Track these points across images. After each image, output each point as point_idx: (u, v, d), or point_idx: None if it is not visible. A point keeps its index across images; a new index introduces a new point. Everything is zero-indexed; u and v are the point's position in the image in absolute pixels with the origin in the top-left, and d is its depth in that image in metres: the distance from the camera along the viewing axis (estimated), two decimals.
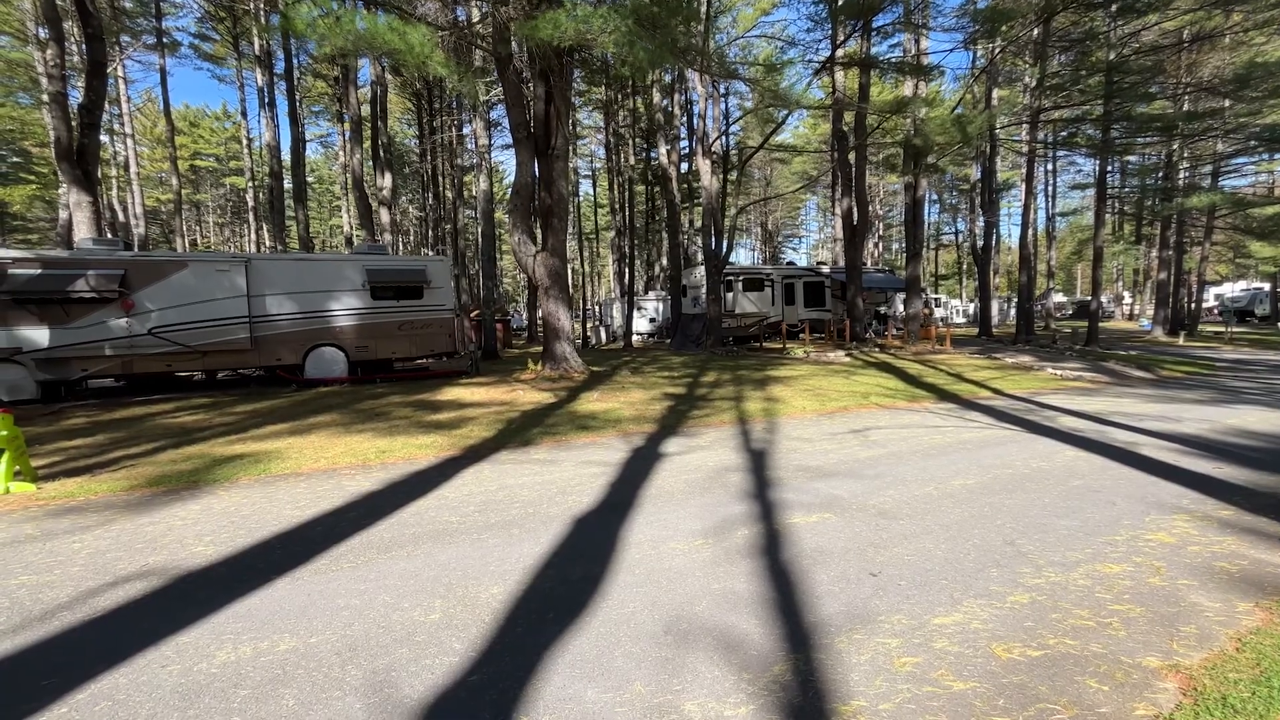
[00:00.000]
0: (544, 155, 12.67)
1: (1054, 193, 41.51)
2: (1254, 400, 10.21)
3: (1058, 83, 20.34)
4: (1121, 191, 32.76)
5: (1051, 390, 11.64)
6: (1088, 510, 4.46)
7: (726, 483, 5.29)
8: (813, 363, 15.90)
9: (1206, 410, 9.15)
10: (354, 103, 19.10)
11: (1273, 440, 6.97)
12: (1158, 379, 13.51)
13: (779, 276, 23.28)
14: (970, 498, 4.80)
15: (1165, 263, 26.85)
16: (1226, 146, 25.89)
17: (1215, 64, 21.94)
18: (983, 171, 25.47)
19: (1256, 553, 3.66)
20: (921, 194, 21.49)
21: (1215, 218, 27.29)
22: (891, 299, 26.41)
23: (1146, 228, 34.21)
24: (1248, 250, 30.47)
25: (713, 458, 6.28)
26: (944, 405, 9.90)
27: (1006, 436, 7.27)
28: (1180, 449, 6.49)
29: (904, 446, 6.73)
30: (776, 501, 4.74)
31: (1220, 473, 5.50)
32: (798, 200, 60.23)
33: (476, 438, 7.28)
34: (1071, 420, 8.31)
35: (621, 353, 20.97)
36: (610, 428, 7.95)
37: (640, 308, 32.20)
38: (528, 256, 12.69)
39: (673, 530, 4.11)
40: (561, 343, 12.93)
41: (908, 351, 18.53)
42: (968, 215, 38.51)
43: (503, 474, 5.68)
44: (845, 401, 10.12)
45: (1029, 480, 5.28)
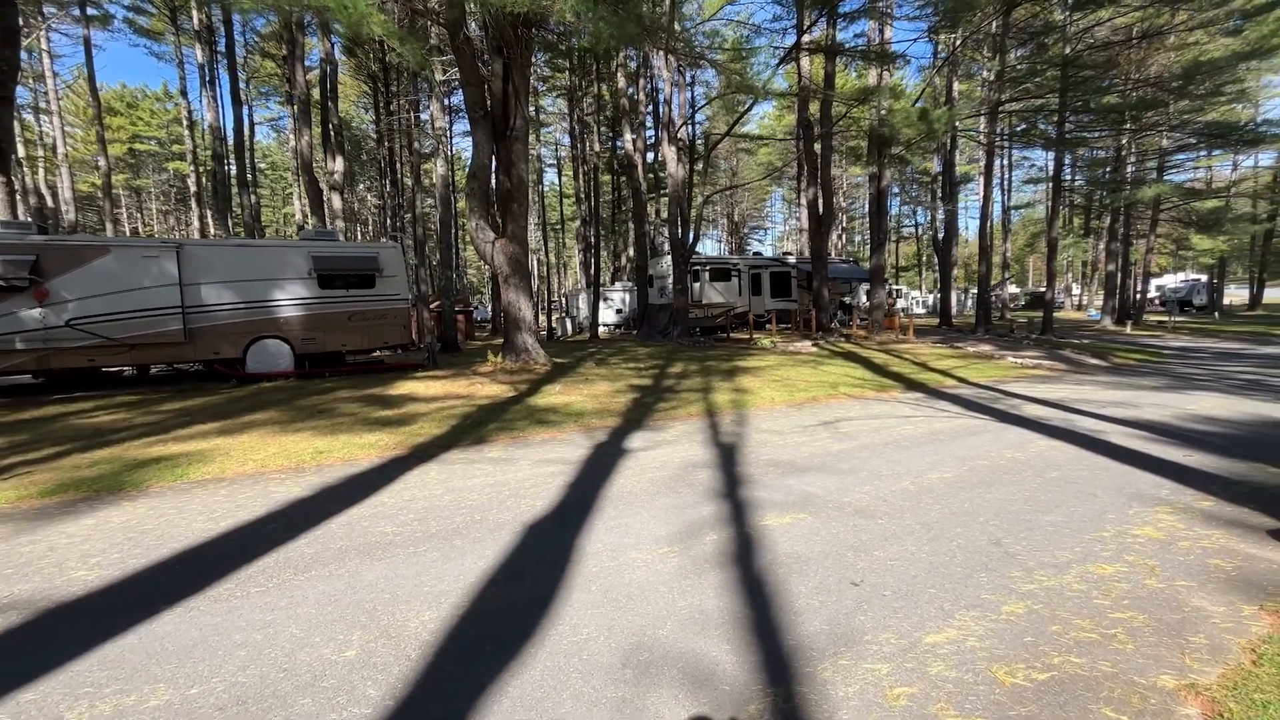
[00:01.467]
0: (502, 137, 12.05)
1: (1009, 187, 42.44)
2: (1205, 386, 10.37)
3: (1016, 76, 20.56)
4: (1073, 185, 33.65)
5: (1014, 378, 11.66)
6: (1070, 504, 4.24)
7: (694, 481, 4.92)
8: (780, 353, 15.72)
9: (1163, 396, 9.22)
10: (301, 82, 17.99)
11: (1233, 426, 6.98)
12: (1112, 366, 13.74)
13: (746, 267, 23.08)
14: (949, 493, 4.53)
15: (1113, 254, 27.68)
16: (1170, 143, 26.75)
17: (1162, 62, 22.53)
18: (943, 164, 25.71)
19: (1247, 547, 3.46)
20: (886, 185, 21.52)
21: (1160, 211, 28.24)
22: (856, 289, 26.54)
23: (1095, 221, 35.30)
24: (1189, 243, 31.72)
25: (679, 453, 5.91)
26: (912, 395, 9.76)
27: (977, 426, 7.11)
28: (1148, 436, 6.40)
29: (876, 438, 6.48)
30: (747, 501, 4.39)
31: (1191, 460, 5.39)
32: (764, 191, 60.38)
33: (426, 435, 6.74)
34: (1038, 408, 8.23)
35: (587, 344, 20.48)
36: (572, 422, 7.51)
37: (607, 298, 31.65)
38: (486, 243, 12.07)
39: (635, 537, 3.71)
40: (523, 334, 12.39)
41: (872, 341, 18.55)
42: (928, 207, 39.11)
43: (451, 475, 5.19)
44: (814, 392, 9.89)
45: (1006, 472, 5.06)
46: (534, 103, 39.58)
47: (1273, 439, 6.27)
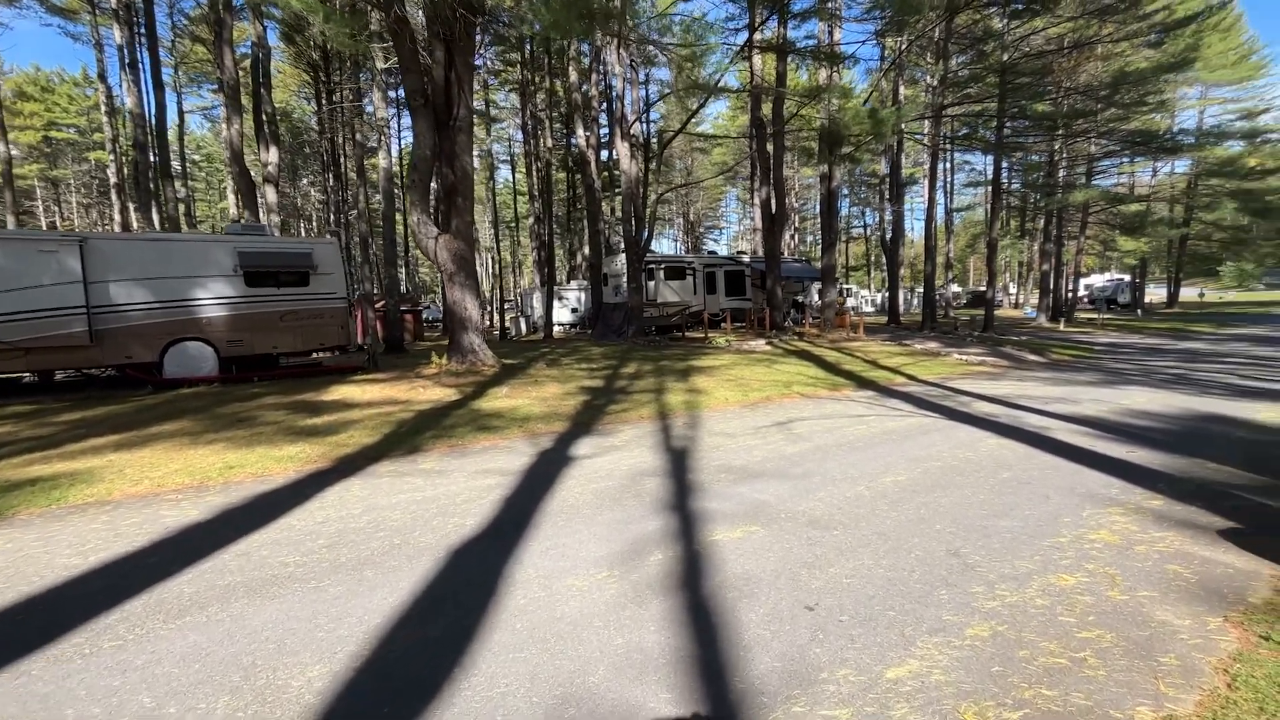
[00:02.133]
0: (445, 127, 11.43)
1: (951, 189, 43.93)
2: (1136, 381, 10.72)
3: (958, 81, 21.10)
4: (1010, 188, 35.01)
5: (960, 375, 11.82)
6: (1024, 507, 4.10)
7: (641, 491, 4.59)
8: (735, 352, 15.60)
9: (1099, 391, 9.44)
10: (230, 66, 16.78)
11: (1167, 421, 7.12)
12: (1050, 362, 14.16)
13: (700, 265, 22.96)
14: (904, 497, 4.34)
15: (1047, 255, 28.89)
16: (1098, 149, 28.08)
17: (1091, 71, 23.56)
18: (890, 166, 26.24)
19: (1201, 550, 3.36)
20: (836, 185, 21.74)
21: (1089, 214, 29.62)
22: (808, 288, 26.81)
23: (1030, 223, 36.85)
24: (1115, 244, 33.44)
25: (628, 460, 5.57)
26: (864, 393, 9.71)
27: (929, 424, 7.04)
28: (1091, 432, 6.44)
29: (829, 439, 6.31)
30: (697, 513, 4.08)
31: (1135, 457, 5.40)
32: (718, 191, 60.75)
33: (355, 445, 6.19)
34: (985, 405, 8.26)
35: (541, 344, 19.94)
36: (516, 428, 7.07)
37: (562, 297, 31.09)
38: (429, 239, 11.44)
39: (572, 559, 3.34)
40: (469, 334, 11.81)
41: (825, 339, 18.69)
42: (876, 209, 40.04)
43: (375, 491, 4.70)
44: (768, 391, 9.73)
45: (959, 473, 4.93)
46: (485, 97, 38.58)
47: (1206, 434, 6.40)
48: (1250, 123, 30.13)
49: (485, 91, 31.96)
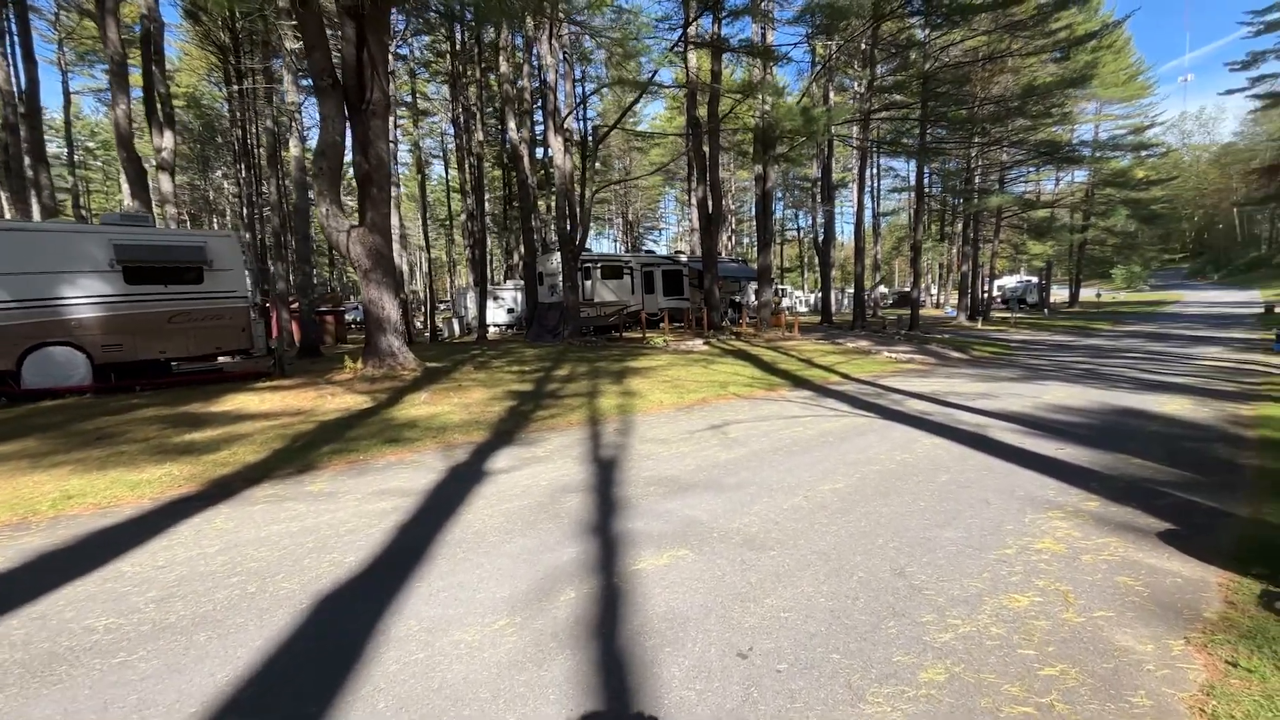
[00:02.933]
0: (357, 111, 10.48)
1: (878, 194, 45.61)
2: (1052, 376, 11.11)
3: (883, 87, 21.66)
4: (931, 193, 36.63)
5: (891, 373, 11.93)
6: (966, 514, 3.86)
7: (560, 510, 4.07)
8: (672, 352, 15.27)
9: (1021, 387, 9.67)
10: (114, 39, 14.95)
11: (1087, 415, 7.25)
12: (972, 359, 14.62)
13: (638, 264, 22.58)
14: (844, 508, 4.02)
15: (966, 257, 30.33)
16: (1009, 158, 29.70)
17: (1004, 84, 24.80)
18: (822, 169, 26.77)
19: (1145, 556, 3.18)
20: (771, 186, 21.88)
21: (1002, 219, 31.31)
22: (745, 288, 26.96)
23: (949, 227, 38.70)
24: (1025, 247, 35.56)
25: (550, 473, 5.03)
26: (800, 393, 9.55)
27: (864, 425, 6.86)
28: (1020, 429, 6.42)
29: (766, 443, 5.98)
30: (621, 535, 3.60)
31: (1065, 454, 5.35)
32: (657, 192, 60.77)
33: (235, 464, 5.35)
34: (918, 404, 8.22)
35: (472, 346, 18.99)
36: (430, 439, 6.38)
37: (497, 297, 30.00)
38: (340, 232, 10.45)
39: (466, 603, 2.78)
40: (387, 336, 10.89)
41: (761, 339, 18.70)
42: (810, 211, 41.00)
43: (244, 522, 3.96)
44: (704, 393, 9.40)
45: (898, 478, 4.68)
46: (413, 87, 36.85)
47: (1125, 428, 6.50)
48: (1138, 137, 32.68)
49: (413, 81, 30.44)
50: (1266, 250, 66.19)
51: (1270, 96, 30.38)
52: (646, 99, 42.58)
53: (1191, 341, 18.00)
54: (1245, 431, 6.29)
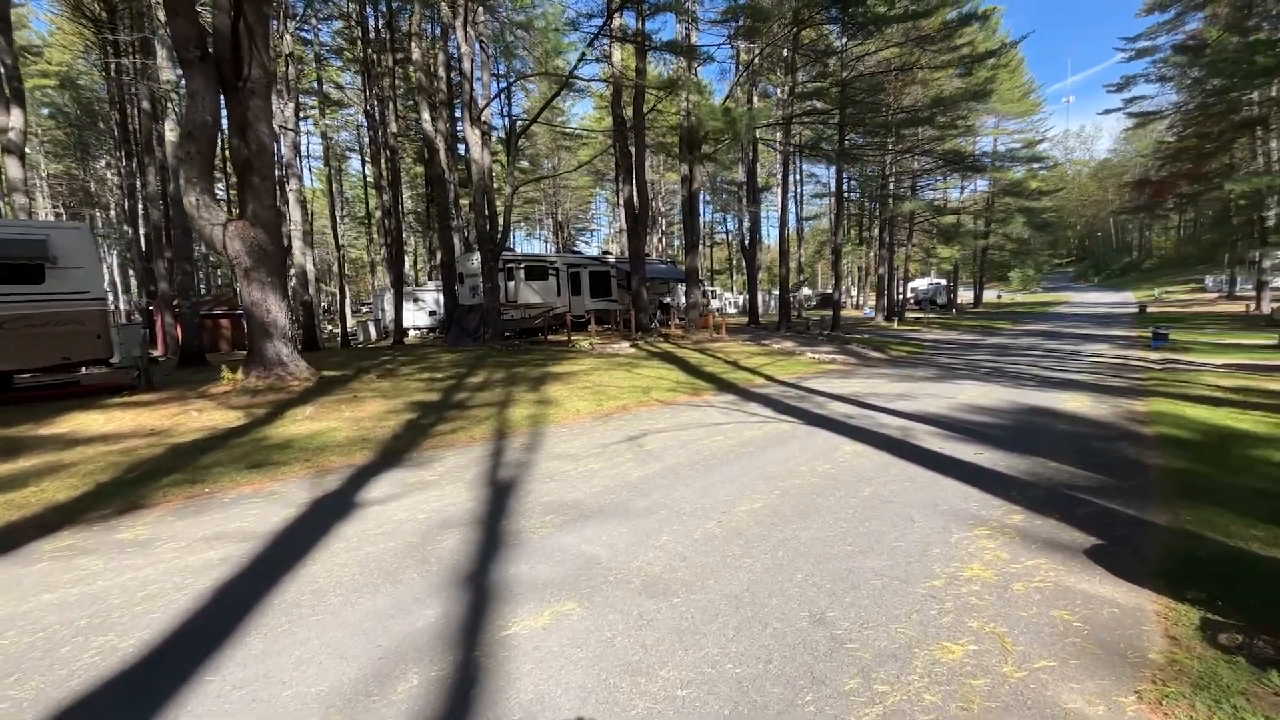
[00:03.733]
0: (234, 89, 9.26)
1: (801, 199, 46.96)
2: (964, 375, 11.37)
3: (805, 93, 22.02)
4: (850, 198, 37.97)
5: (814, 374, 11.87)
6: (890, 536, 3.50)
7: (433, 554, 3.39)
8: (597, 355, 14.69)
9: (937, 387, 9.76)
10: None
11: (999, 414, 7.27)
12: (890, 359, 14.91)
13: (564, 265, 21.83)
14: (761, 534, 3.58)
15: (882, 260, 31.54)
16: (920, 166, 31.13)
17: (915, 95, 25.87)
18: (747, 173, 27.02)
19: (1077, 580, 2.90)
20: (697, 187, 21.75)
21: (915, 224, 32.79)
22: (674, 289, 26.77)
23: (867, 231, 40.30)
24: (935, 251, 37.51)
25: (433, 502, 4.32)
26: (724, 397, 9.20)
27: (786, 431, 6.53)
28: (938, 432, 6.29)
29: (684, 456, 5.51)
30: (499, 585, 2.98)
31: (983, 459, 5.18)
32: (588, 193, 60.07)
33: (37, 505, 4.30)
34: (840, 406, 8.04)
35: (386, 351, 17.65)
36: (302, 463, 5.49)
37: (418, 299, 28.38)
38: (214, 225, 9.17)
39: (266, 708, 2.08)
40: (274, 342, 9.69)
41: (689, 341, 18.45)
42: (737, 214, 41.54)
43: (6, 588, 3.03)
44: (625, 400, 8.87)
45: (819, 494, 4.31)
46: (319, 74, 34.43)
47: (1035, 428, 6.51)
48: (1030, 150, 35.17)
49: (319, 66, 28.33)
50: (1137, 256, 73.51)
51: (1141, 116, 33.48)
52: (574, 98, 41.84)
53: (1081, 339, 19.28)
54: (1143, 429, 6.43)
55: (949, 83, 25.87)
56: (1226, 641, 2.31)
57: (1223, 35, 21.08)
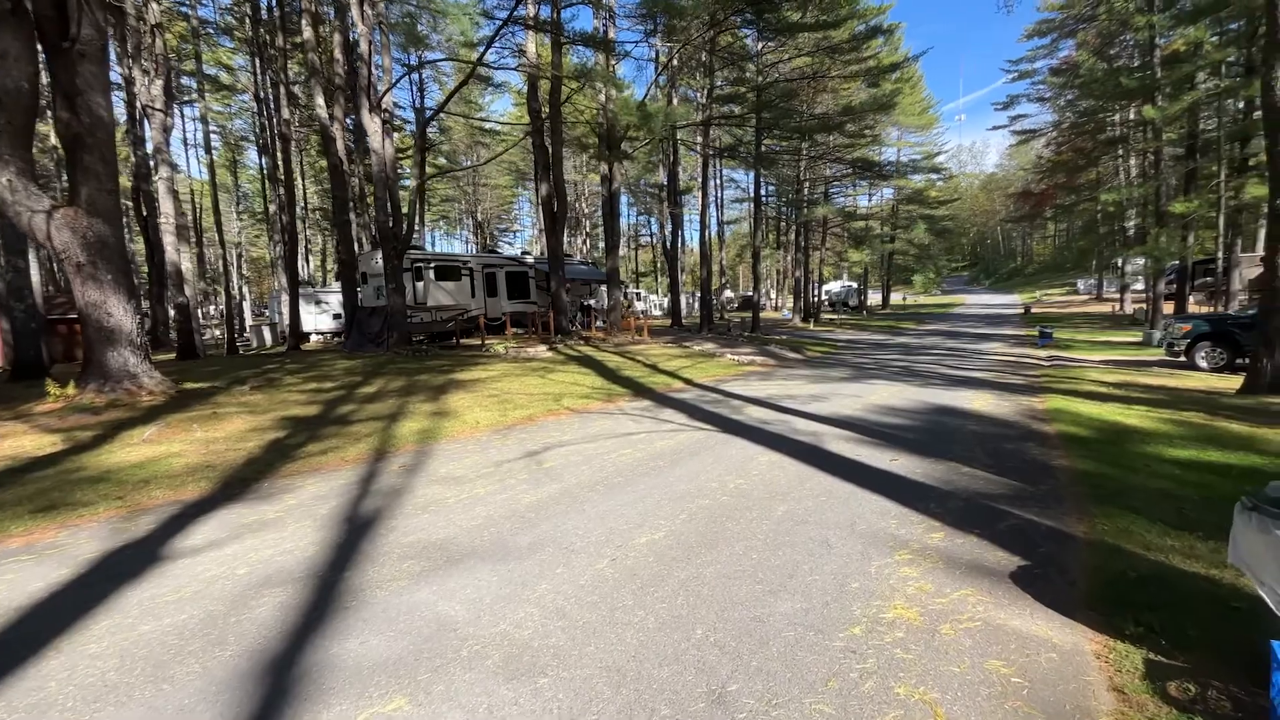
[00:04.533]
0: (59, 50, 7.77)
1: (722, 203, 47.64)
2: (875, 375, 11.49)
3: (723, 96, 22.05)
4: (768, 203, 38.86)
5: (734, 376, 11.62)
6: (805, 568, 3.05)
7: (234, 630, 2.59)
8: (511, 360, 13.82)
9: (851, 387, 9.71)
10: None
11: (911, 415, 7.18)
12: (807, 359, 15.00)
13: (479, 265, 20.67)
14: (659, 574, 3.03)
15: (798, 263, 32.40)
16: (832, 172, 32.23)
17: (826, 104, 26.64)
18: (669, 175, 26.86)
19: (1008, 616, 2.54)
20: (617, 187, 21.27)
21: (828, 229, 33.91)
22: (596, 290, 26.15)
23: (784, 236, 41.42)
24: (846, 255, 39.08)
25: (265, 549, 3.47)
26: (639, 403, 8.68)
27: (700, 441, 6.08)
28: (853, 437, 6.04)
29: (586, 474, 4.90)
30: (311, 675, 2.24)
31: (899, 467, 4.92)
32: (510, 193, 58.35)
33: None
34: (757, 411, 7.72)
35: (276, 359, 15.90)
36: (112, 500, 4.42)
37: (320, 301, 26.19)
38: (34, 212, 7.62)
39: None
40: (118, 351, 8.23)
41: (610, 343, 17.89)
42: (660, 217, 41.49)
43: None
44: (533, 409, 8.16)
45: (730, 516, 3.83)
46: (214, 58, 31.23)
47: (946, 429, 6.40)
48: (929, 162, 37.40)
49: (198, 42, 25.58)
50: (1021, 261, 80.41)
51: (1023, 133, 36.39)
52: (494, 94, 40.38)
53: (978, 339, 20.40)
54: (1045, 427, 6.48)
55: (858, 94, 26.84)
56: (1178, 693, 1.97)
57: (1092, 61, 23.07)
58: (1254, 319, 11.10)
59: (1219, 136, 18.30)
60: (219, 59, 32.68)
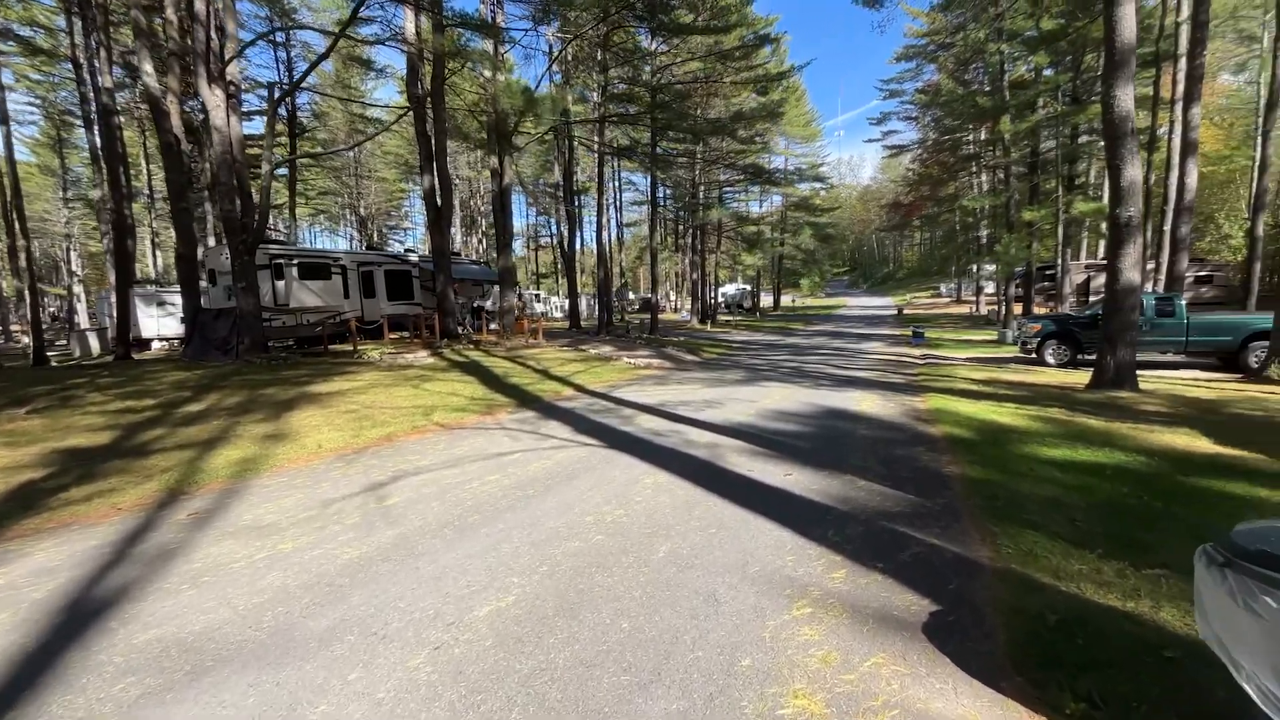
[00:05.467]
0: None
1: (621, 205, 47.39)
2: (769, 376, 11.38)
3: (617, 94, 21.52)
4: (664, 207, 39.02)
5: (628, 381, 11.02)
6: (686, 640, 2.39)
7: None
8: (386, 368, 12.33)
9: (745, 391, 9.42)
10: None
11: (803, 421, 6.90)
12: (703, 361, 14.77)
13: (354, 263, 18.58)
14: (496, 670, 2.23)
15: (695, 265, 32.72)
16: (725, 176, 32.85)
17: (719, 109, 26.95)
18: (563, 173, 25.95)
19: (929, 696, 2.02)
20: (508, 182, 20.03)
21: (723, 233, 34.54)
22: (489, 292, 24.65)
23: (681, 239, 41.87)
24: (740, 259, 40.13)
25: None
26: (522, 414, 7.79)
27: (581, 460, 5.33)
28: (747, 448, 5.58)
29: (435, 514, 3.99)
30: None
31: (794, 483, 4.47)
32: (397, 189, 54.38)
33: None
34: (649, 420, 7.11)
35: (91, 370, 13.16)
36: None
37: (165, 302, 22.43)
38: None
39: None
40: None
41: (502, 348, 16.70)
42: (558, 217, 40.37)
43: None
44: (395, 425, 7.02)
45: (602, 565, 3.11)
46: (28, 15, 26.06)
47: (838, 436, 6.13)
48: (814, 171, 39.36)
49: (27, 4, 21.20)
50: (894, 267, 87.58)
51: (894, 148, 39.32)
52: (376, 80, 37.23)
53: (860, 338, 21.40)
54: (930, 429, 6.40)
55: (748, 102, 27.41)
56: None
57: (951, 85, 25.11)
58: (1092, 319, 12.25)
59: (1056, 156, 20.48)
60: (33, 17, 27.35)
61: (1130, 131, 7.86)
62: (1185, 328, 11.17)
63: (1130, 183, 7.88)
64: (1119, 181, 7.95)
